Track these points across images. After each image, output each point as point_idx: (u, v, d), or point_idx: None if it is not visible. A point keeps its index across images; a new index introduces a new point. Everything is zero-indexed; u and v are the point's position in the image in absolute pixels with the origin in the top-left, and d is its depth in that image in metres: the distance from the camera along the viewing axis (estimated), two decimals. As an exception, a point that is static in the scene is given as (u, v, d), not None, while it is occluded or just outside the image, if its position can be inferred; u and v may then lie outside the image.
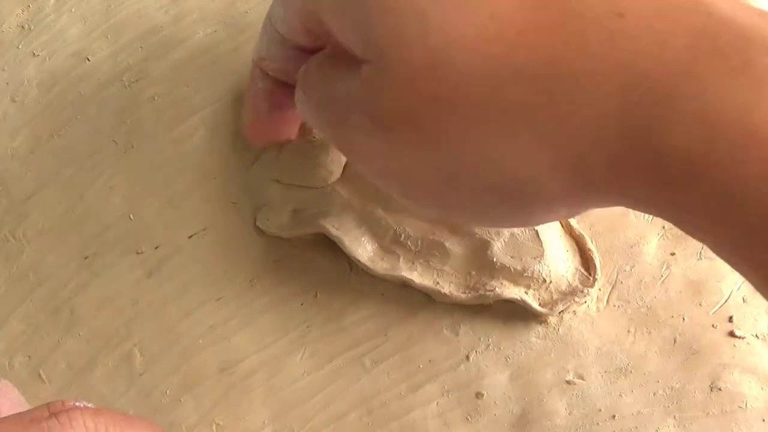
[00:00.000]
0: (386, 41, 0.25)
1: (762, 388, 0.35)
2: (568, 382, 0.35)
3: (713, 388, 0.35)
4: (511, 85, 0.23)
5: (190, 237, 0.38)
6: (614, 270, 0.37)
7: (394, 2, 0.24)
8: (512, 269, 0.36)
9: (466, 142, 0.25)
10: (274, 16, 0.32)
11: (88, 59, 0.43)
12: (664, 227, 0.38)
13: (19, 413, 0.25)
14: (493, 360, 0.36)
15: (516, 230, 0.36)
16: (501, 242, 0.36)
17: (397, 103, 0.26)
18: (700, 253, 0.37)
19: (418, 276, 0.36)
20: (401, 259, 0.36)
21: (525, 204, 0.27)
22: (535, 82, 0.23)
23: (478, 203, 0.28)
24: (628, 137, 0.23)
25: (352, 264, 0.37)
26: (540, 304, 0.36)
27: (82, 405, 0.26)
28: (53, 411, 0.25)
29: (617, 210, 0.38)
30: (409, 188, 0.29)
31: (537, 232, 0.36)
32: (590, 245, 0.37)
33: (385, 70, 0.25)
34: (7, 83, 0.42)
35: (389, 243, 0.37)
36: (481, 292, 0.36)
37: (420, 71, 0.24)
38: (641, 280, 0.37)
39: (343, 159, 0.38)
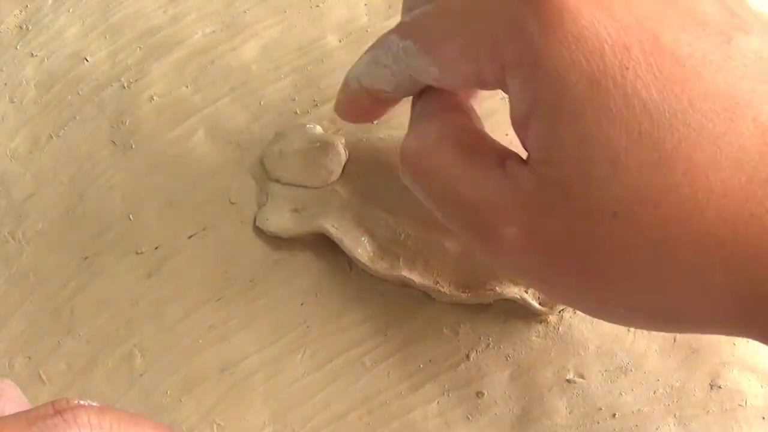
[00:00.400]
0: (573, 173, 0.24)
1: (762, 386, 0.35)
2: (568, 381, 0.35)
3: (713, 386, 0.35)
4: (691, 247, 0.23)
5: (190, 237, 0.38)
6: (614, 269, 0.37)
7: (592, 133, 0.23)
8: (512, 268, 0.36)
9: (630, 284, 0.25)
10: (413, 69, 0.29)
11: (87, 59, 0.42)
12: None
13: (24, 411, 0.25)
14: (493, 359, 0.36)
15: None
16: (501, 241, 0.36)
17: (568, 233, 0.25)
18: (700, 251, 0.37)
19: (418, 276, 0.36)
20: (401, 259, 0.36)
21: (674, 327, 0.27)
22: (717, 249, 0.23)
23: (624, 318, 0.28)
24: None
25: (352, 264, 0.37)
26: (540, 303, 0.36)
27: (86, 403, 0.26)
28: (58, 409, 0.25)
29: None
30: (551, 293, 0.29)
31: (537, 231, 0.36)
32: (590, 244, 0.37)
33: (561, 198, 0.24)
34: (6, 84, 0.42)
35: (389, 243, 0.37)
36: (481, 291, 0.36)
37: (600, 214, 0.24)
38: (641, 279, 0.37)
39: (343, 159, 0.38)
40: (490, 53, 0.25)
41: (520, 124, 0.26)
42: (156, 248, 0.38)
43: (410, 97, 0.32)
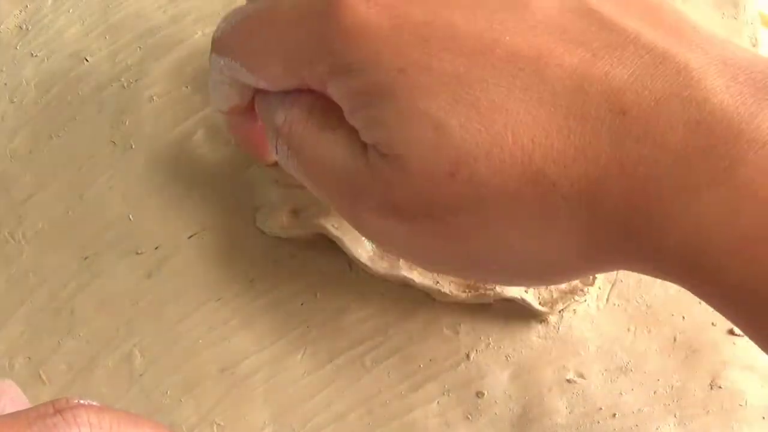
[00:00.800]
0: (403, 145, 0.26)
1: (762, 386, 0.35)
2: (568, 381, 0.35)
3: (713, 386, 0.35)
4: (530, 190, 0.25)
5: (190, 237, 0.38)
6: (614, 268, 0.37)
7: (409, 108, 0.25)
8: (512, 268, 0.36)
9: (486, 236, 0.26)
10: (244, 80, 0.31)
11: (87, 60, 0.42)
12: (663, 226, 0.38)
13: (24, 410, 0.25)
14: (493, 359, 0.36)
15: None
16: (501, 241, 0.36)
17: (415, 199, 0.26)
18: (700, 251, 0.37)
19: (418, 275, 0.36)
20: (401, 259, 0.36)
21: (541, 279, 0.29)
22: (553, 188, 0.24)
23: (494, 276, 0.30)
24: (634, 238, 0.24)
25: (352, 263, 0.37)
26: (540, 303, 0.36)
27: (86, 403, 0.26)
28: (58, 408, 0.25)
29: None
30: (417, 259, 0.30)
31: (537, 231, 0.36)
32: (590, 244, 0.37)
33: (401, 169, 0.26)
34: (6, 84, 0.42)
35: (389, 242, 0.37)
36: (482, 291, 0.36)
37: (439, 176, 0.25)
38: (641, 279, 0.37)
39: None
40: (308, 71, 0.28)
41: (352, 120, 0.28)
42: (156, 248, 0.38)
43: None
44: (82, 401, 0.26)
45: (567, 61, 0.24)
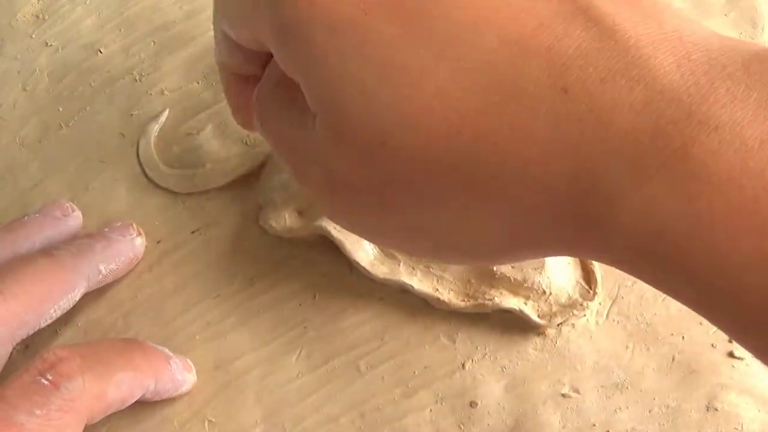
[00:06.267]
0: (333, 112, 0.24)
1: (759, 410, 0.34)
2: (563, 395, 0.35)
3: (710, 408, 0.34)
4: (460, 166, 0.23)
5: (193, 233, 0.38)
6: (615, 284, 0.37)
7: (339, 71, 0.24)
8: (512, 279, 0.35)
9: (424, 213, 0.25)
10: (224, 25, 0.30)
11: (100, 51, 0.43)
12: (668, 244, 0.37)
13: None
14: (488, 369, 0.35)
15: (518, 240, 0.36)
16: (502, 251, 0.36)
17: (352, 171, 0.25)
18: (703, 271, 0.37)
19: (417, 282, 0.36)
20: (401, 264, 0.36)
21: (469, 256, 0.27)
22: (485, 167, 0.23)
23: (439, 254, 0.28)
24: (579, 223, 0.23)
25: (352, 267, 0.37)
26: (539, 316, 0.35)
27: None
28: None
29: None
30: (364, 232, 0.29)
31: (539, 243, 0.36)
32: (592, 258, 0.36)
33: (337, 139, 0.25)
34: (19, 72, 0.42)
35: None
36: (480, 300, 0.36)
37: (370, 145, 0.24)
38: (642, 296, 0.36)
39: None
40: (257, 24, 0.26)
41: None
42: (158, 242, 0.38)
43: None
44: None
45: (507, 31, 0.23)
